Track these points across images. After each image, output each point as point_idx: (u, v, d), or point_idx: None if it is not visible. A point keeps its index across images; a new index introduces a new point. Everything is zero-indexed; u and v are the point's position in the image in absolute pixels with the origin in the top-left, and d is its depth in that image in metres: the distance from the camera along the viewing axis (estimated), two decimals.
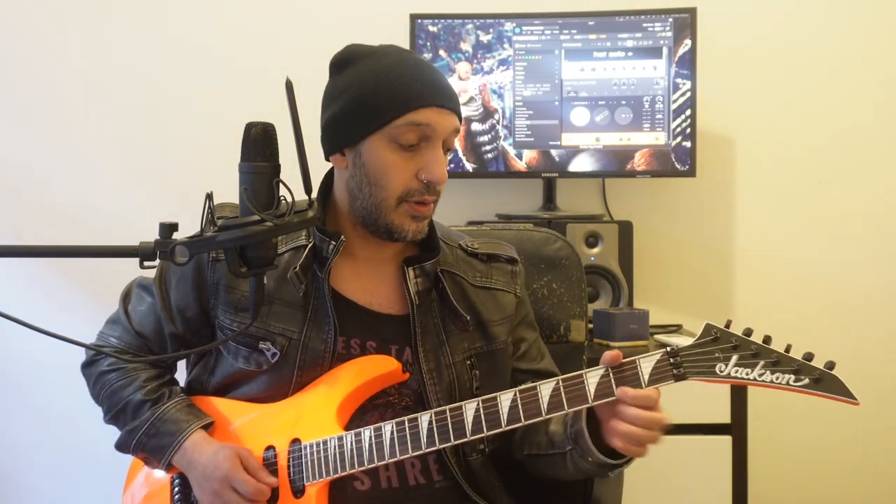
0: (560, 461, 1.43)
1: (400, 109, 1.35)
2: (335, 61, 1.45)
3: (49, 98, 2.61)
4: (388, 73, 1.37)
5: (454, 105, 1.40)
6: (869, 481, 2.62)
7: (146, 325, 1.50)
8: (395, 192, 1.38)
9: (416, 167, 1.37)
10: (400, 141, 1.36)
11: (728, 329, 1.28)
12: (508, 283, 1.56)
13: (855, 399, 1.21)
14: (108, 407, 1.49)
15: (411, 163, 1.37)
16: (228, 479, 1.35)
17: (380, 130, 1.37)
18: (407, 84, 1.36)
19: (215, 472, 1.36)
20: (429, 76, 1.39)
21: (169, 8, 2.60)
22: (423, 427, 1.35)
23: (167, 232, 1.04)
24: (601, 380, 1.29)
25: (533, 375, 1.56)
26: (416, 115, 1.35)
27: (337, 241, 1.41)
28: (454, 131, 1.41)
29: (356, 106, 1.38)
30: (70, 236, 2.57)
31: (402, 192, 1.38)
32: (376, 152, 1.38)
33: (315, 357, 1.42)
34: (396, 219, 1.39)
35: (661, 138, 2.39)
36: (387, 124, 1.36)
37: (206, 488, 1.37)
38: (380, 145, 1.37)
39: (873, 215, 2.61)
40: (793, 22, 2.60)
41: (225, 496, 1.35)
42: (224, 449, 1.38)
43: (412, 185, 1.38)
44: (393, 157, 1.37)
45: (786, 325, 2.52)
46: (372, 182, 1.38)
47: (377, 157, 1.38)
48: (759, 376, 1.24)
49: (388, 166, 1.37)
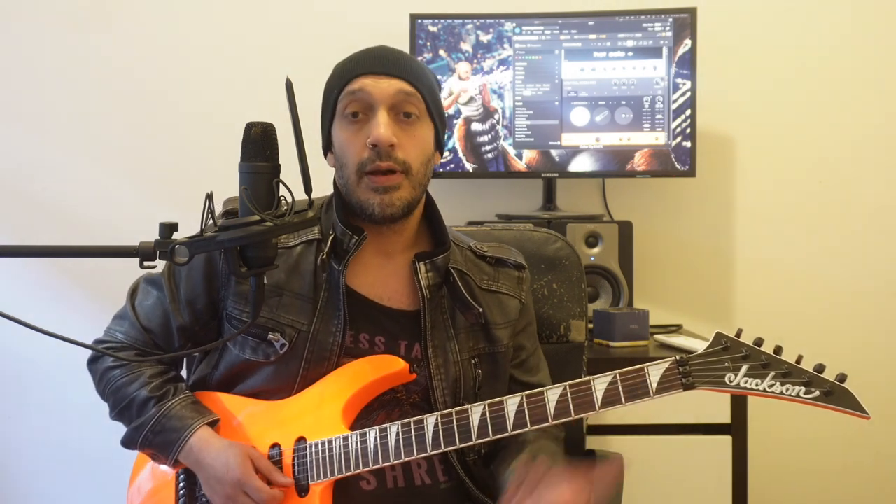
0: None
1: (340, 85, 1.43)
2: None
3: (49, 98, 2.61)
4: (340, 64, 1.47)
5: (392, 69, 1.43)
6: (869, 481, 2.62)
7: (153, 320, 1.50)
8: (353, 166, 1.42)
9: (365, 136, 1.41)
10: (345, 114, 1.43)
11: (739, 338, 1.27)
12: (514, 289, 1.57)
13: (866, 413, 1.20)
14: (114, 403, 1.49)
15: (361, 133, 1.42)
16: (241, 485, 1.35)
17: (335, 114, 1.44)
18: (346, 62, 1.46)
19: (227, 475, 1.35)
20: (373, 52, 1.46)
21: (169, 8, 2.60)
22: (428, 429, 1.35)
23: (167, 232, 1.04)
24: (609, 387, 1.29)
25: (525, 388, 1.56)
26: (351, 85, 1.42)
27: (360, 235, 1.43)
28: (400, 94, 1.42)
29: (322, 102, 1.48)
30: (70, 236, 2.57)
31: (357, 163, 1.41)
32: (337, 135, 1.45)
33: (323, 350, 1.43)
34: (362, 195, 1.42)
35: (661, 138, 2.39)
36: (336, 105, 1.44)
37: (217, 491, 1.37)
38: (337, 127, 1.45)
39: (873, 215, 2.61)
40: (793, 22, 2.60)
41: (238, 501, 1.35)
42: (232, 448, 1.38)
43: (364, 154, 1.41)
44: (346, 133, 1.43)
45: (786, 325, 2.54)
46: (340, 164, 1.45)
47: (338, 139, 1.45)
48: (769, 388, 1.23)
49: (344, 143, 1.43)
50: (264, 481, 1.36)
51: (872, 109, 2.60)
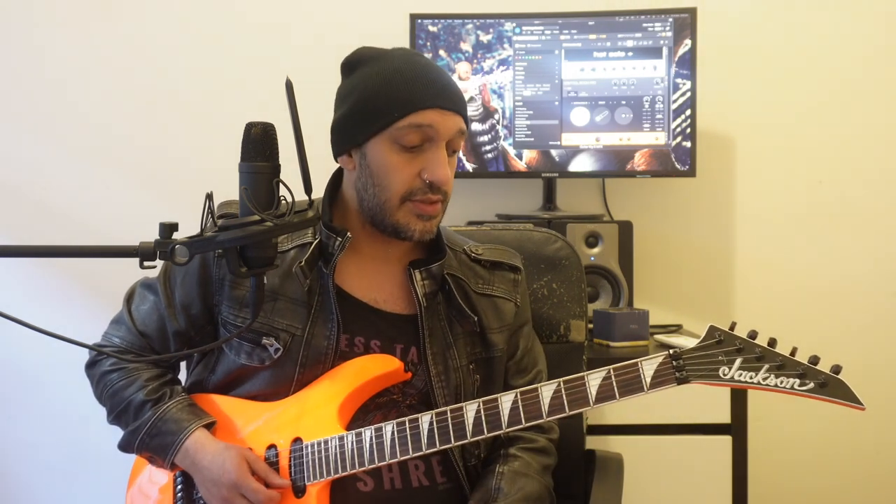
0: None
1: (402, 111, 1.36)
2: (345, 63, 1.47)
3: (49, 98, 2.61)
4: (393, 75, 1.38)
5: (458, 107, 1.40)
6: (869, 481, 2.62)
7: (149, 325, 1.50)
8: (397, 193, 1.38)
9: (419, 167, 1.38)
10: (402, 142, 1.37)
11: (732, 331, 1.27)
12: (509, 292, 1.56)
13: (861, 404, 1.19)
14: (111, 407, 1.49)
15: (414, 163, 1.38)
16: (237, 487, 1.35)
17: (383, 132, 1.37)
18: (410, 85, 1.37)
19: (223, 477, 1.35)
20: (434, 77, 1.39)
21: (169, 8, 2.60)
22: (423, 428, 1.35)
23: (167, 232, 1.04)
24: (603, 382, 1.29)
25: None
26: (417, 117, 1.36)
27: (343, 237, 1.41)
28: (458, 132, 1.40)
29: (361, 108, 1.39)
30: (70, 236, 2.57)
31: (404, 192, 1.38)
32: (380, 153, 1.38)
33: (318, 354, 1.43)
34: (402, 218, 1.39)
35: (661, 138, 2.39)
36: (390, 125, 1.37)
37: (214, 493, 1.37)
38: (383, 146, 1.38)
39: (873, 215, 2.61)
40: (793, 22, 2.60)
41: (235, 503, 1.35)
42: (229, 450, 1.38)
43: (415, 184, 1.38)
44: (396, 157, 1.38)
45: (785, 325, 2.54)
46: (376, 183, 1.39)
47: (381, 158, 1.38)
48: (764, 380, 1.23)
49: (390, 167, 1.38)
50: (261, 483, 1.36)
51: (872, 109, 2.60)
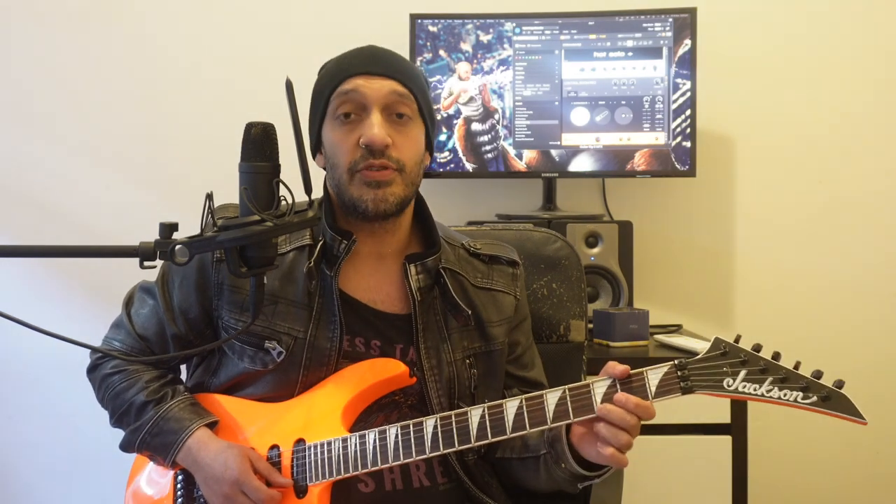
0: (533, 466, 1.44)
1: (331, 85, 1.42)
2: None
3: (49, 98, 2.61)
4: (331, 63, 1.47)
5: (389, 71, 1.43)
6: (869, 481, 2.62)
7: (148, 328, 1.50)
8: (345, 166, 1.41)
9: (357, 135, 1.41)
10: (337, 115, 1.42)
11: (737, 344, 1.28)
12: (509, 286, 1.57)
13: (863, 419, 1.20)
14: (113, 409, 1.49)
15: (353, 133, 1.41)
16: (239, 484, 1.34)
17: (326, 115, 1.44)
18: (338, 62, 1.45)
19: (225, 474, 1.35)
20: (364, 51, 1.45)
21: (169, 8, 2.60)
22: (427, 432, 1.34)
23: (167, 232, 1.04)
24: (608, 390, 1.29)
25: (521, 383, 1.57)
26: (344, 85, 1.41)
27: (349, 240, 1.42)
28: (393, 94, 1.41)
29: (312, 103, 1.47)
30: (70, 236, 2.57)
31: (349, 163, 1.41)
32: (328, 136, 1.44)
33: (321, 356, 1.42)
34: (355, 191, 1.41)
35: (661, 138, 2.39)
36: (327, 106, 1.43)
37: (215, 490, 1.37)
38: (328, 128, 1.44)
39: (873, 215, 2.61)
40: (793, 22, 2.60)
41: (237, 501, 1.35)
42: (230, 448, 1.38)
43: (356, 154, 1.40)
44: (337, 133, 1.42)
45: (785, 325, 2.55)
46: (331, 164, 1.44)
47: (329, 139, 1.44)
48: (767, 392, 1.24)
49: (335, 143, 1.42)
50: (263, 482, 1.36)
51: (872, 109, 2.60)
